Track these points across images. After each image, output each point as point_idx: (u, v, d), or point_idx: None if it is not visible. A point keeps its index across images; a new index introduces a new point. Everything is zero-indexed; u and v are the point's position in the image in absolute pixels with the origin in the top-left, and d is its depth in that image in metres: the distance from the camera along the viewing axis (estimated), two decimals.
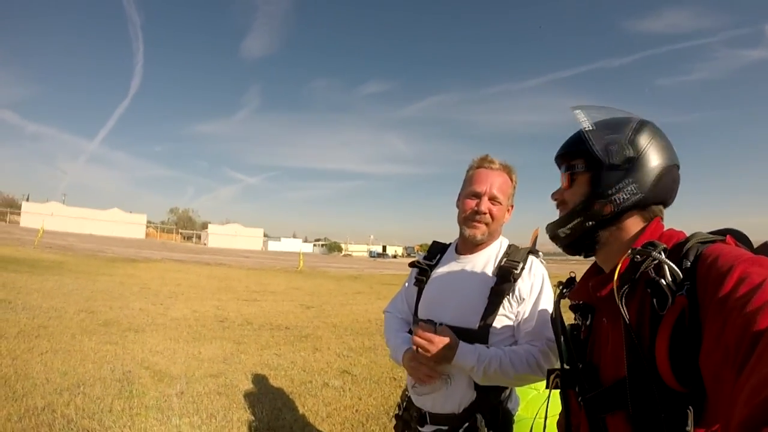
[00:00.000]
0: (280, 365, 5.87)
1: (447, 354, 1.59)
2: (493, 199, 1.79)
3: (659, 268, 0.90)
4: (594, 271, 1.23)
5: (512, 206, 1.91)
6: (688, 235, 1.01)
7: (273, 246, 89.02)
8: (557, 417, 1.36)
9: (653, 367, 0.85)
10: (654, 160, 1.09)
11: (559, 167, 1.29)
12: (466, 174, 1.90)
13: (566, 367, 1.23)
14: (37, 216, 57.24)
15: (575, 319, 1.27)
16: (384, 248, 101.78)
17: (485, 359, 1.59)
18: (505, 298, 1.71)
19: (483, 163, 1.86)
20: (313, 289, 16.12)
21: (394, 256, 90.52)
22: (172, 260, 25.36)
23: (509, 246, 1.86)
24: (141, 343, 6.31)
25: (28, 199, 74.98)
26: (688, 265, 0.88)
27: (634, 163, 1.09)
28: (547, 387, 1.30)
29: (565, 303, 1.33)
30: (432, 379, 1.68)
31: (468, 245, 1.87)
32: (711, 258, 0.86)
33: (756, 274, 0.74)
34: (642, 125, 1.12)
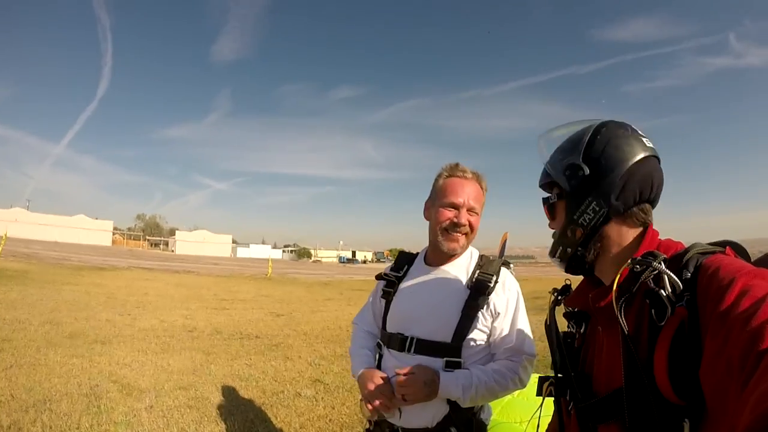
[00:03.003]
0: (251, 375, 5.84)
1: (430, 392, 1.60)
2: (470, 210, 1.78)
3: (659, 279, 0.89)
4: (591, 280, 1.22)
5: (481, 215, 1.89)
6: (686, 245, 1.01)
7: (242, 252, 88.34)
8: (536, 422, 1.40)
9: (651, 379, 0.84)
10: (611, 168, 1.07)
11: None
12: (437, 183, 1.86)
13: (559, 375, 1.23)
14: (0, 222, 55.60)
15: (569, 327, 1.27)
16: (353, 254, 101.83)
17: (470, 386, 1.61)
18: (480, 312, 1.71)
19: (455, 172, 1.83)
20: (282, 296, 16.03)
21: (364, 262, 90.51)
22: (140, 268, 24.85)
23: (480, 257, 1.86)
24: (108, 355, 6.20)
25: None
26: (689, 276, 0.87)
27: (591, 180, 1.08)
28: (539, 394, 1.31)
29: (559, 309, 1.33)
30: (387, 410, 1.69)
31: (439, 257, 1.84)
32: (712, 269, 0.85)
33: (758, 287, 0.74)
34: (595, 134, 1.11)
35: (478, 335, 1.71)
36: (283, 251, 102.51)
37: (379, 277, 2.00)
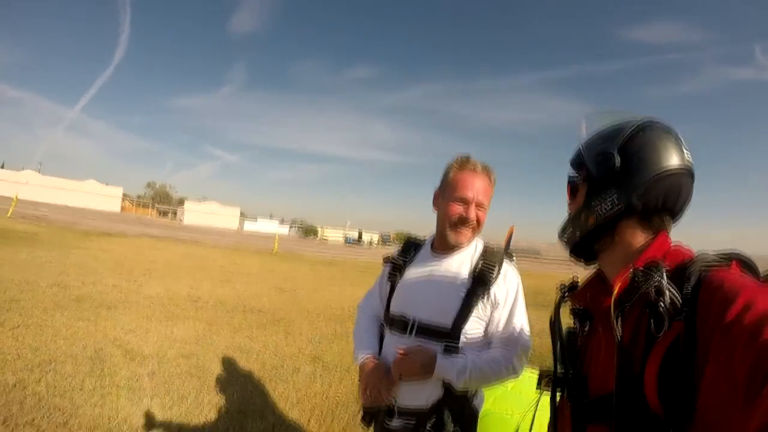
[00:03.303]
0: (251, 348, 5.93)
1: (426, 372, 1.69)
2: (479, 205, 1.84)
3: (659, 291, 0.88)
4: (596, 277, 1.22)
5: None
6: (694, 253, 1.00)
7: (249, 226, 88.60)
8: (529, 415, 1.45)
9: (641, 389, 0.85)
10: (641, 167, 1.05)
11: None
12: (447, 175, 1.90)
13: (560, 371, 1.24)
14: (12, 184, 56.02)
15: (573, 324, 1.27)
16: (360, 234, 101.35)
17: (465, 370, 1.67)
18: (480, 301, 1.77)
19: (466, 166, 1.86)
20: (287, 272, 16.10)
21: (370, 243, 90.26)
22: (148, 236, 24.97)
23: (485, 248, 1.91)
24: (113, 320, 6.31)
25: (2, 167, 73.20)
26: (689, 291, 0.87)
27: (618, 174, 1.08)
28: (538, 387, 1.36)
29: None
30: (382, 401, 1.77)
31: (445, 246, 1.89)
32: (715, 284, 0.84)
33: (762, 302, 0.73)
34: (638, 131, 1.09)
35: (476, 323, 1.78)
36: (290, 227, 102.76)
37: (386, 260, 2.06)
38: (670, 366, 0.81)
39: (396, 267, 1.98)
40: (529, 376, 3.87)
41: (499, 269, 1.81)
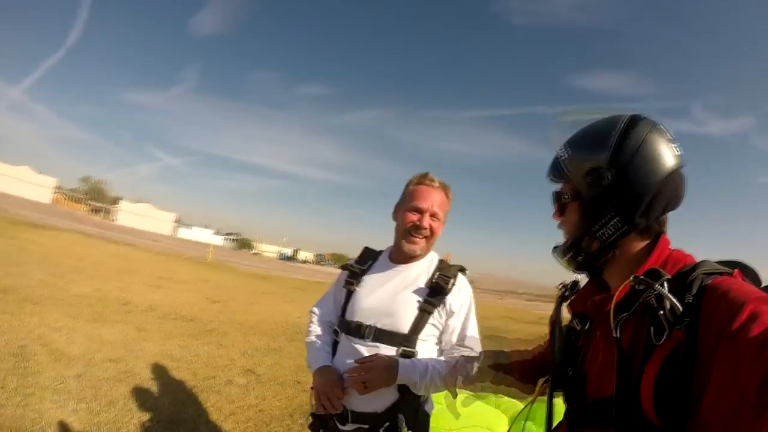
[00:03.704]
0: (183, 357, 5.79)
1: (390, 377, 1.70)
2: (433, 215, 1.92)
3: (660, 299, 0.86)
4: (596, 283, 1.19)
5: (444, 222, 2.02)
6: (695, 259, 0.98)
7: (183, 233, 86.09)
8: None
9: (636, 397, 0.83)
10: (641, 180, 0.99)
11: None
12: (406, 189, 1.99)
13: (557, 372, 1.20)
14: None
15: (574, 323, 1.21)
16: (295, 252, 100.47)
17: (426, 374, 1.72)
18: (436, 310, 1.84)
19: (424, 180, 1.95)
20: (220, 283, 15.76)
21: (304, 261, 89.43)
22: (79, 232, 23.77)
23: (440, 261, 1.99)
24: (39, 316, 6.03)
25: None
26: (690, 300, 0.85)
27: (616, 192, 1.01)
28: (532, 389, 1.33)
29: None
30: (337, 407, 1.78)
31: (402, 256, 1.96)
32: (719, 292, 0.83)
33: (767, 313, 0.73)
34: (626, 133, 1.02)
35: (432, 330, 1.85)
36: (225, 238, 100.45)
37: (344, 267, 2.08)
38: (667, 374, 0.80)
39: (353, 274, 2.00)
40: (465, 394, 3.98)
41: (455, 281, 1.89)
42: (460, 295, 1.91)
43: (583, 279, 1.25)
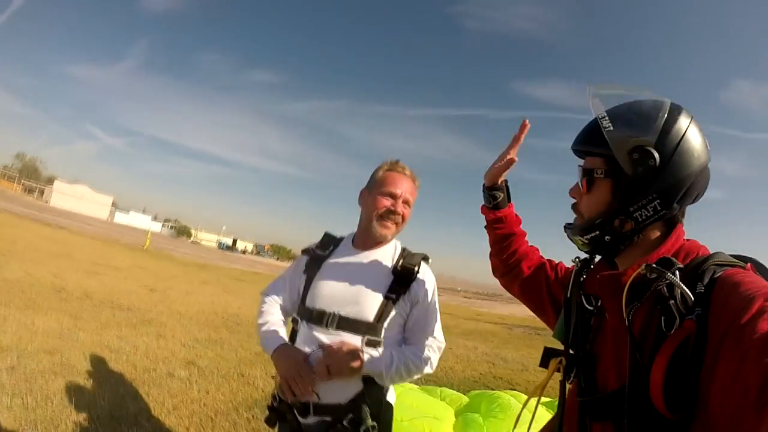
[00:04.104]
0: (121, 348, 5.63)
1: (355, 367, 1.69)
2: (405, 202, 1.92)
3: (672, 288, 0.86)
4: (606, 266, 1.18)
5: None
6: (709, 251, 1.00)
7: (120, 218, 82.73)
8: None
9: (645, 386, 0.82)
10: (683, 168, 1.01)
11: (578, 157, 1.22)
12: (376, 174, 1.97)
13: (570, 352, 1.18)
14: None
15: (583, 303, 1.19)
16: (234, 241, 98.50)
17: (391, 365, 1.75)
18: (401, 297, 1.83)
19: (396, 167, 1.96)
20: (158, 271, 15.32)
21: (243, 252, 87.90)
22: (9, 213, 22.50)
23: (403, 249, 1.98)
24: None
25: None
26: (702, 290, 0.85)
27: (660, 174, 1.01)
28: (541, 365, 1.26)
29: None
30: (308, 395, 1.71)
31: (368, 242, 1.94)
32: (730, 284, 0.83)
33: None
34: (672, 119, 1.02)
35: (396, 319, 1.84)
36: (163, 225, 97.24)
37: (305, 251, 2.04)
38: (677, 365, 0.80)
39: (314, 260, 1.96)
40: (410, 387, 4.08)
41: (419, 269, 1.89)
42: (425, 283, 1.91)
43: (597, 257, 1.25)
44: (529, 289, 1.52)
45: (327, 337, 1.78)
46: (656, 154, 1.00)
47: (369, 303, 1.81)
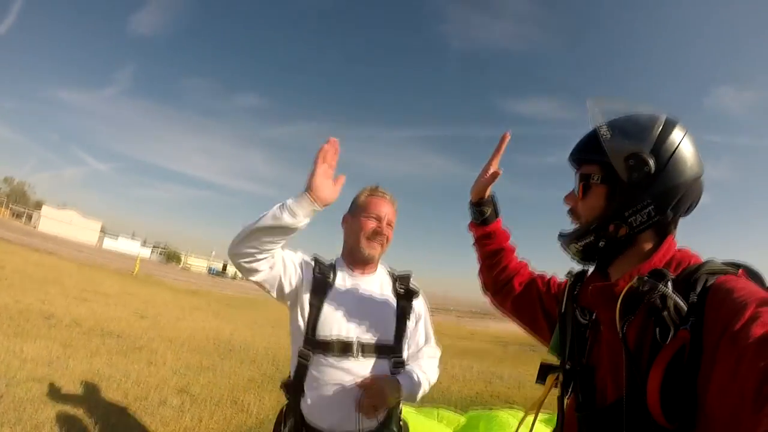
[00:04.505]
0: (112, 376, 5.52)
1: (395, 397, 1.73)
2: (389, 224, 1.98)
3: (665, 299, 0.86)
4: (598, 278, 1.18)
5: None
6: (701, 259, 1.00)
7: (109, 243, 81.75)
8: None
9: (643, 398, 0.82)
10: (677, 176, 1.03)
11: (574, 167, 1.22)
12: (358, 199, 2.01)
13: (567, 366, 1.16)
14: None
15: (578, 316, 1.19)
16: (224, 266, 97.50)
17: (419, 385, 1.83)
18: (410, 315, 1.95)
19: (376, 192, 2.01)
20: (148, 297, 15.13)
21: (233, 277, 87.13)
22: None
23: (389, 268, 2.08)
24: None
25: None
26: (695, 299, 0.85)
27: (655, 181, 1.03)
28: (538, 381, 1.24)
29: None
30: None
31: (358, 264, 1.96)
32: (723, 291, 0.83)
33: None
34: (667, 131, 1.05)
35: (408, 336, 1.93)
36: (152, 250, 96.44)
37: (315, 261, 1.93)
38: (673, 375, 0.80)
39: (320, 286, 1.85)
40: (408, 410, 4.04)
41: (414, 286, 2.02)
42: (421, 299, 2.04)
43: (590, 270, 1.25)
44: (522, 305, 1.51)
45: (351, 366, 1.76)
46: (651, 162, 1.02)
47: (387, 326, 1.87)
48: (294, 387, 1.81)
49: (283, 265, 1.81)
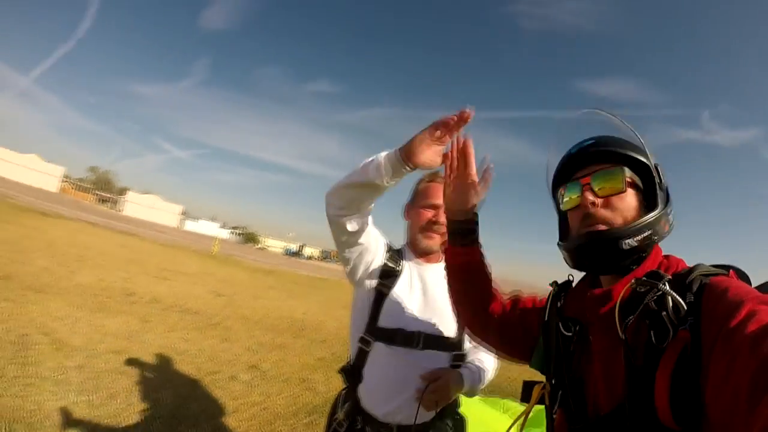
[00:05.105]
0: (186, 351, 5.69)
1: (457, 390, 1.69)
2: None
3: (661, 300, 0.85)
4: (587, 286, 1.14)
5: None
6: (687, 263, 1.00)
7: (190, 225, 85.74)
8: None
9: (650, 403, 0.80)
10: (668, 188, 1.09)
11: (590, 163, 1.11)
12: (417, 186, 1.94)
13: (553, 381, 1.14)
14: None
15: (561, 328, 1.13)
16: (301, 247, 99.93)
17: (480, 378, 1.76)
18: None
19: (436, 177, 1.88)
20: (225, 276, 15.63)
21: (309, 258, 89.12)
22: (84, 221, 23.59)
23: None
24: (41, 305, 5.91)
25: None
26: (692, 299, 0.84)
27: (667, 190, 1.08)
28: (523, 400, 1.24)
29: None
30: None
31: (420, 253, 1.89)
32: (718, 290, 0.83)
33: (765, 312, 0.72)
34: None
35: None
36: (231, 232, 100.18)
37: (388, 248, 1.86)
38: (679, 376, 0.79)
39: (388, 274, 1.80)
40: (472, 399, 3.87)
41: None
42: None
43: (575, 280, 1.22)
44: (509, 332, 1.38)
45: (413, 357, 1.70)
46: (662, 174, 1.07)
47: (449, 319, 1.76)
48: (353, 373, 1.78)
49: (368, 242, 1.74)
